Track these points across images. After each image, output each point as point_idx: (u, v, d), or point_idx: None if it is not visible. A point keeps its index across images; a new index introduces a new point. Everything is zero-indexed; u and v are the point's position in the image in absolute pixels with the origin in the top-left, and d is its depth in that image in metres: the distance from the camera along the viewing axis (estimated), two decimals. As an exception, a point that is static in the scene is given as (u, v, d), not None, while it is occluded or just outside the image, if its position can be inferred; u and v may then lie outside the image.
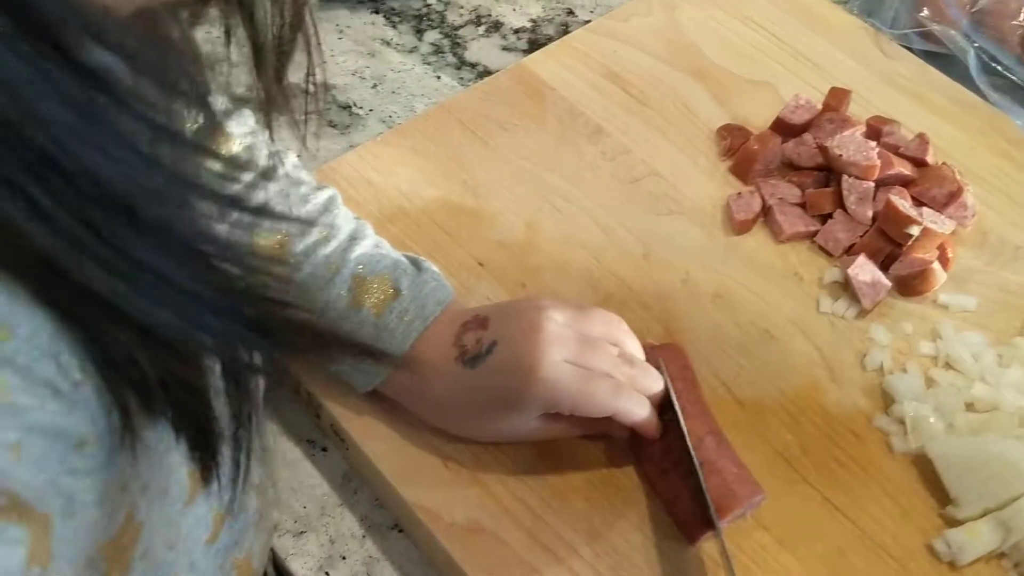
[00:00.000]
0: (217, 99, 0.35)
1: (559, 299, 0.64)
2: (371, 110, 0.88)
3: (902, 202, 0.73)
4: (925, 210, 0.75)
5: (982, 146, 0.83)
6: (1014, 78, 0.88)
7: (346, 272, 0.63)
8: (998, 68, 0.88)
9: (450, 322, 0.63)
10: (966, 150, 0.83)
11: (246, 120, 0.68)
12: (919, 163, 0.79)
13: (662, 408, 0.62)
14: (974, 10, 0.91)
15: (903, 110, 0.85)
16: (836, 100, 0.83)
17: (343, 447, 0.66)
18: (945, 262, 0.74)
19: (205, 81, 0.33)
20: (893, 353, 0.70)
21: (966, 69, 0.88)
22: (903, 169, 0.77)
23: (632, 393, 0.60)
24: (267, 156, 0.67)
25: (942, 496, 0.63)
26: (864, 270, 0.72)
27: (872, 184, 0.76)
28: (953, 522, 0.62)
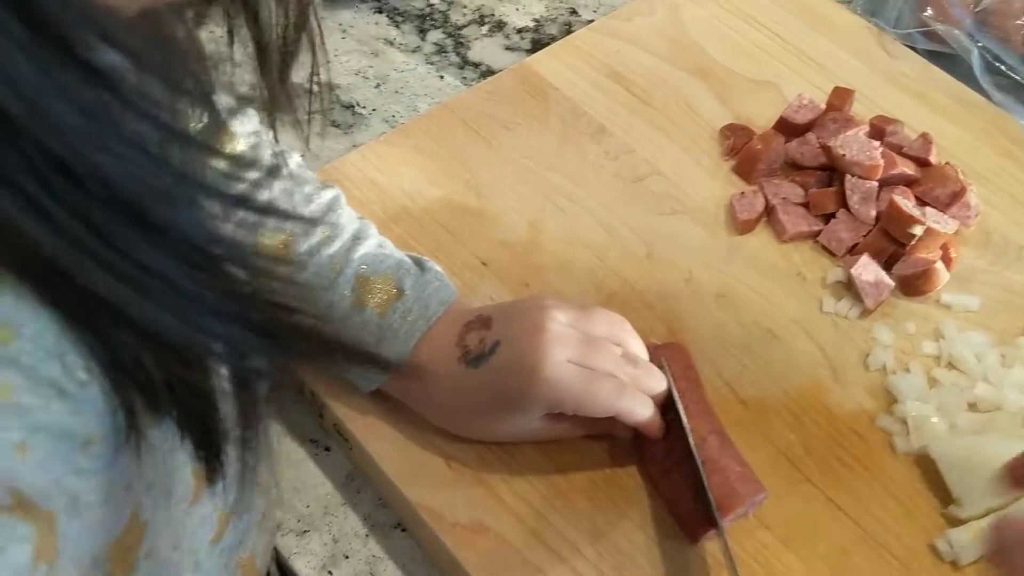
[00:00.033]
0: (221, 98, 0.35)
1: (562, 299, 0.64)
2: (374, 110, 0.88)
3: (905, 202, 0.73)
4: (928, 210, 0.75)
5: (986, 146, 0.83)
6: (1018, 78, 0.87)
7: (350, 272, 0.63)
8: (1002, 68, 0.88)
9: (453, 322, 0.63)
10: (970, 150, 0.83)
11: (250, 120, 0.68)
12: (922, 163, 0.79)
13: (665, 408, 0.62)
14: (978, 10, 0.91)
15: (907, 110, 0.85)
16: (839, 100, 0.83)
17: (346, 447, 0.66)
18: (948, 262, 0.74)
19: (210, 80, 0.33)
20: (896, 353, 0.70)
21: (970, 69, 0.88)
22: (906, 169, 0.77)
23: (635, 393, 0.60)
24: (271, 155, 0.67)
25: (945, 496, 0.63)
26: (867, 270, 0.72)
27: (875, 184, 0.75)
28: (956, 522, 0.62)
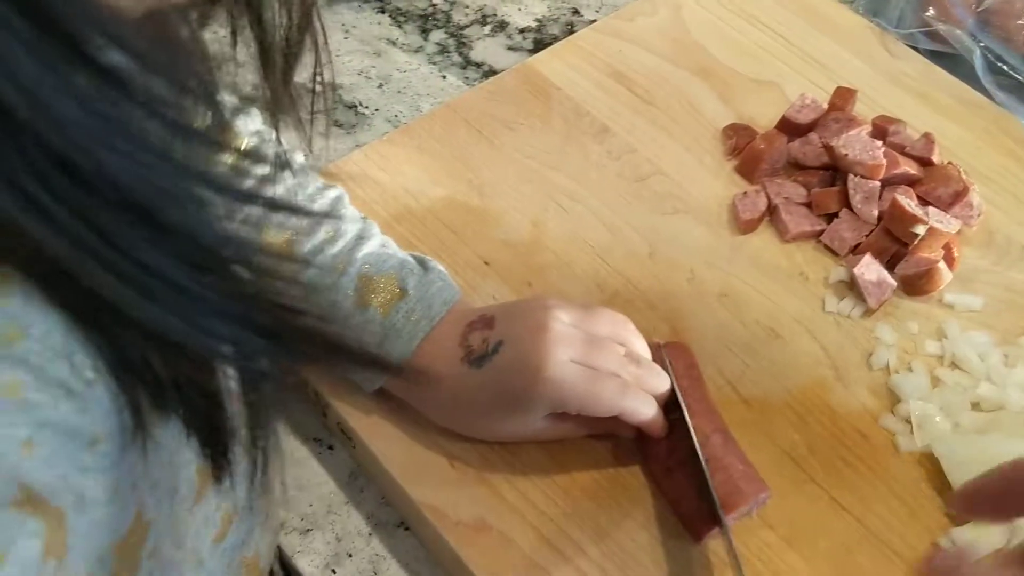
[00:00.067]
0: (225, 98, 0.35)
1: (565, 298, 0.64)
2: (377, 109, 0.88)
3: (908, 201, 0.73)
4: (931, 209, 0.75)
5: (988, 146, 0.83)
6: (1020, 78, 0.87)
7: (353, 271, 0.63)
8: (1004, 68, 0.88)
9: (456, 322, 0.63)
10: (972, 149, 0.83)
11: (253, 119, 0.68)
12: (925, 162, 0.79)
13: (668, 407, 0.62)
14: (980, 9, 0.91)
15: (909, 109, 0.85)
16: (842, 99, 0.83)
17: (350, 445, 0.67)
18: (951, 262, 0.74)
19: (213, 80, 0.34)
20: (899, 352, 0.70)
21: (972, 69, 0.88)
22: (909, 168, 0.77)
23: (638, 392, 0.60)
24: (274, 155, 0.67)
25: (948, 495, 0.63)
26: (870, 269, 0.72)
27: (878, 183, 0.75)
28: (959, 521, 0.62)
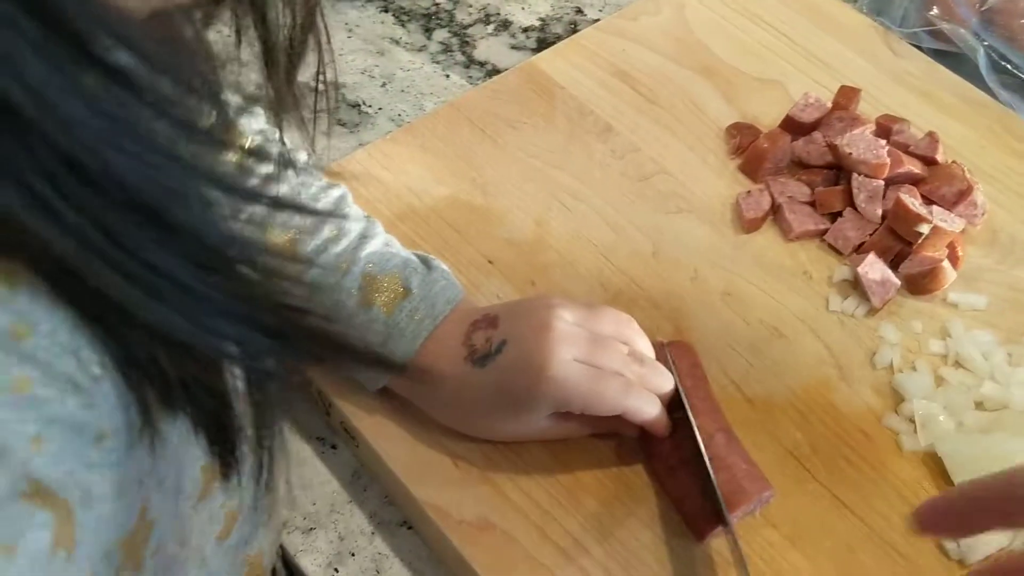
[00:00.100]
0: (229, 97, 0.35)
1: (569, 297, 0.64)
2: (380, 108, 0.88)
3: (912, 200, 0.73)
4: (935, 208, 0.75)
5: (992, 145, 0.83)
6: (1024, 76, 0.88)
7: (356, 270, 0.63)
8: (1008, 67, 0.88)
9: (460, 321, 0.63)
10: (976, 148, 0.82)
11: (256, 118, 0.68)
12: (929, 161, 0.79)
13: (671, 406, 0.62)
14: (984, 8, 0.91)
15: (913, 109, 0.85)
16: (845, 98, 0.83)
17: (353, 444, 0.67)
18: (955, 261, 0.74)
19: (218, 80, 0.34)
20: (903, 351, 0.70)
21: (976, 68, 0.88)
22: (913, 167, 0.77)
23: (642, 392, 0.60)
24: (278, 154, 0.67)
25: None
26: (874, 268, 0.72)
27: (882, 182, 0.75)
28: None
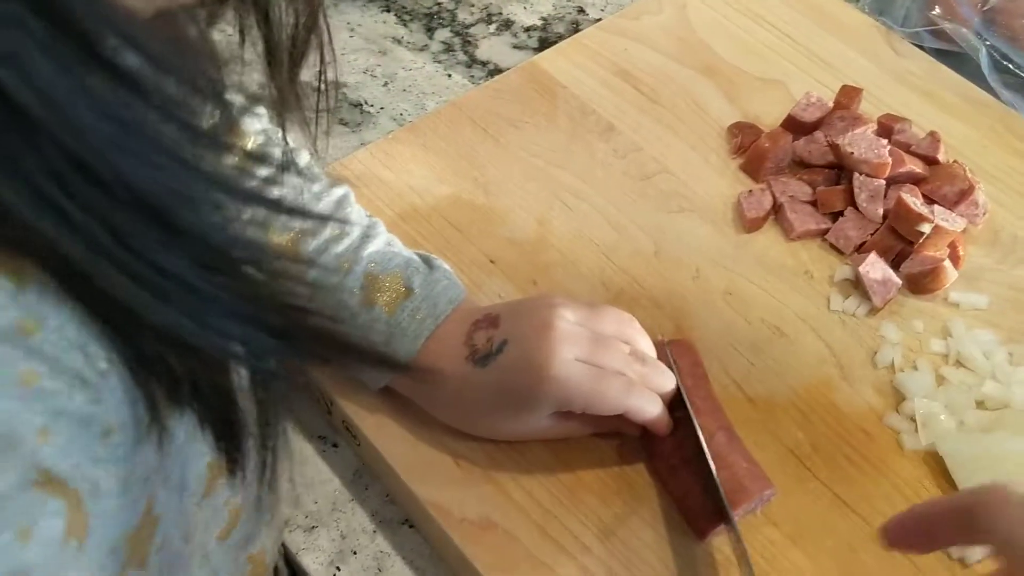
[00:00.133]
0: (233, 97, 0.35)
1: (570, 297, 0.64)
2: (382, 108, 0.88)
3: (913, 200, 0.73)
4: (936, 208, 0.75)
5: (994, 144, 0.83)
6: (1026, 76, 0.88)
7: (359, 270, 0.64)
8: (1010, 66, 0.88)
9: (461, 320, 0.63)
10: (977, 148, 0.82)
11: (259, 118, 0.68)
12: (930, 161, 0.79)
13: (673, 405, 0.62)
14: (985, 8, 0.91)
15: (914, 108, 0.85)
16: (847, 98, 0.83)
17: (354, 443, 0.67)
18: (956, 260, 0.74)
19: (222, 79, 0.34)
20: (904, 351, 0.70)
21: (977, 67, 0.88)
22: (914, 167, 0.77)
23: (644, 391, 0.60)
24: (281, 153, 0.67)
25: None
26: (875, 268, 0.72)
27: (883, 182, 0.75)
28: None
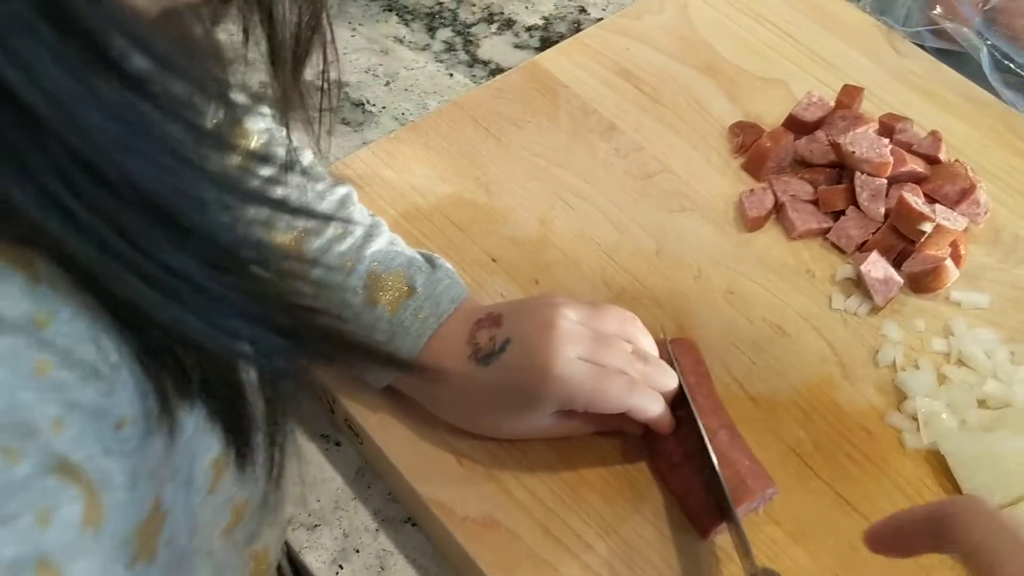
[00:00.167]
0: (237, 96, 0.35)
1: (572, 296, 0.65)
2: (384, 107, 0.88)
3: (915, 199, 0.73)
4: (938, 207, 0.75)
5: (995, 143, 0.83)
6: (1027, 75, 0.88)
7: (361, 269, 0.64)
8: (1011, 66, 0.88)
9: (464, 320, 0.63)
10: (979, 147, 0.83)
11: (261, 117, 0.68)
12: (932, 160, 0.79)
13: (675, 403, 0.62)
14: (987, 8, 0.91)
15: (916, 107, 0.85)
16: (849, 97, 0.83)
17: (357, 442, 0.67)
18: (958, 259, 0.74)
19: (227, 78, 0.34)
20: (905, 350, 0.70)
21: (979, 67, 0.88)
22: (916, 166, 0.77)
23: (646, 390, 0.60)
24: (284, 152, 0.67)
25: (954, 492, 0.63)
26: (877, 267, 0.72)
27: (885, 181, 0.76)
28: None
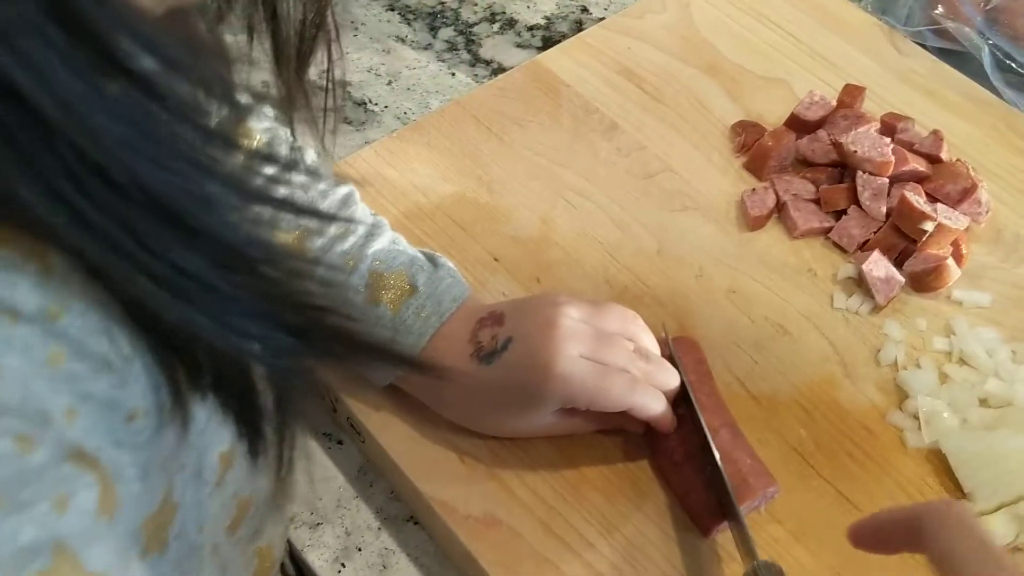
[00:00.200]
0: (241, 96, 0.35)
1: (574, 295, 0.65)
2: (386, 107, 0.89)
3: (916, 198, 0.73)
4: (939, 206, 0.75)
5: (996, 143, 0.83)
6: (1028, 75, 0.88)
7: (363, 268, 0.64)
8: (1012, 65, 0.88)
9: (466, 318, 0.63)
10: (980, 147, 0.83)
11: (265, 116, 0.68)
12: (933, 159, 0.79)
13: (676, 402, 0.62)
14: (988, 7, 0.91)
15: (917, 107, 0.85)
16: (850, 97, 0.83)
17: (359, 440, 0.67)
18: (959, 258, 0.74)
19: (232, 77, 0.34)
20: (907, 349, 0.70)
21: (980, 66, 0.89)
22: (917, 165, 0.77)
23: (647, 388, 0.60)
24: (287, 151, 0.68)
25: (956, 491, 0.63)
26: (878, 266, 0.72)
27: (886, 180, 0.76)
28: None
